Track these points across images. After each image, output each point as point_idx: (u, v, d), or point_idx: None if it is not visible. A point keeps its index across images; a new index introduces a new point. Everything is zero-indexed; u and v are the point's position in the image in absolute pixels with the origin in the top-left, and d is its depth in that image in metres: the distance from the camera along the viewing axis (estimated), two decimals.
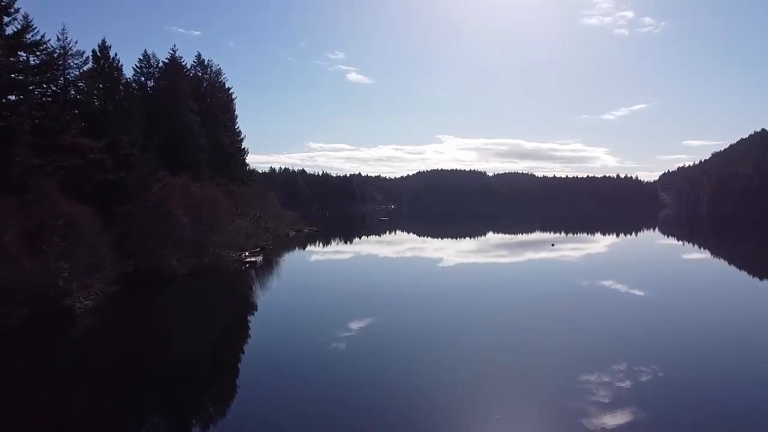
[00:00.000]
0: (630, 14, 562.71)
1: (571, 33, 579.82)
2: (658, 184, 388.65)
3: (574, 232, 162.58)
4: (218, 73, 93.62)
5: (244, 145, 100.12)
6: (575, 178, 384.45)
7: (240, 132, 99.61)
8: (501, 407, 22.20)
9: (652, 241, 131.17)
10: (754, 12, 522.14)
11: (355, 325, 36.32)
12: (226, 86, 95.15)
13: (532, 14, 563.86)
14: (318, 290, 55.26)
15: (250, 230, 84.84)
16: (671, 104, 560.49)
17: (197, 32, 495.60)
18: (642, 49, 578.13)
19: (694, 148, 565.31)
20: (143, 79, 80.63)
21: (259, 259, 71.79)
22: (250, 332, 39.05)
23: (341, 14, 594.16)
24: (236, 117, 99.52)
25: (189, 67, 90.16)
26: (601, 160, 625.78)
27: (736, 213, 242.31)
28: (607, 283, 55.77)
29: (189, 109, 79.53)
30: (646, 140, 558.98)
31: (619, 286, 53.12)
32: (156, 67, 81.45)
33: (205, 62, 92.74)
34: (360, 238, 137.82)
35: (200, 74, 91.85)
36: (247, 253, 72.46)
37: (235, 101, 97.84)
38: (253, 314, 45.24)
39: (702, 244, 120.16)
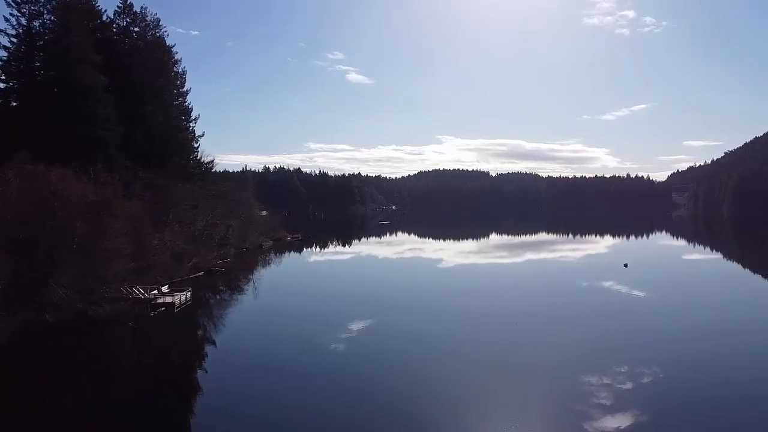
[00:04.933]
0: (631, 14, 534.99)
1: (571, 33, 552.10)
2: (671, 184, 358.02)
3: (583, 234, 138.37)
4: (154, 25, 64.04)
5: (195, 127, 70.63)
6: (583, 178, 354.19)
7: (190, 108, 70.18)
8: (502, 408, 21.73)
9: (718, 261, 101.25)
10: (755, 12, 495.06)
11: None
12: (166, 43, 65.45)
13: (532, 14, 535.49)
14: (266, 372, 26.10)
15: (188, 247, 55.15)
16: (672, 104, 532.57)
17: (196, 32, 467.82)
18: (643, 49, 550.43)
19: (695, 149, 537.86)
20: (24, 19, 50.97)
21: (183, 296, 42.07)
22: None
23: (341, 14, 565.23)
24: (186, 90, 70.06)
25: (109, 14, 60.64)
26: (601, 161, 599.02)
27: (761, 214, 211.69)
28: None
29: (91, 63, 49.91)
30: (647, 140, 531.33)
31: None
32: (46, 3, 51.76)
33: (135, 10, 62.99)
34: (356, 244, 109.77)
35: (126, 24, 62.15)
36: (164, 289, 42.83)
37: (181, 64, 68.40)
38: None
39: None
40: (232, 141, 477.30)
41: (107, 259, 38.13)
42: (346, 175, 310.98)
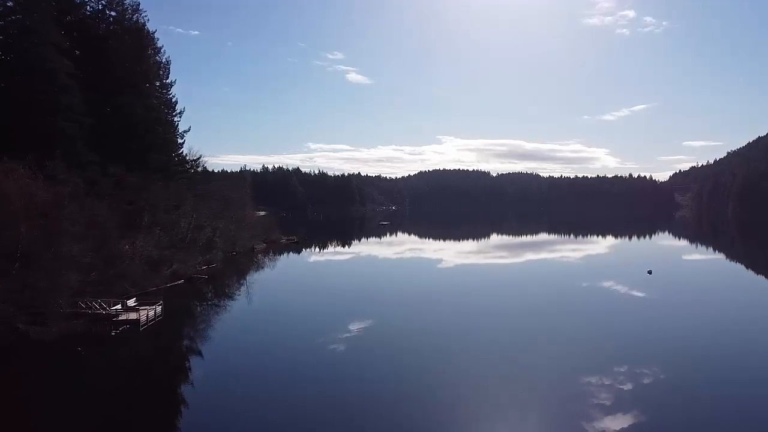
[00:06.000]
0: (631, 13, 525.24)
1: (571, 33, 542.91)
2: (673, 184, 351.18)
3: (590, 235, 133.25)
4: (133, 9, 57.86)
5: (180, 121, 64.49)
6: (585, 178, 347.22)
7: (174, 101, 64.07)
8: (505, 407, 21.60)
9: None
10: (755, 12, 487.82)
11: None
12: (147, 29, 59.24)
13: (532, 14, 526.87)
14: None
15: (166, 253, 49.03)
16: (672, 104, 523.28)
17: (196, 32, 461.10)
18: (643, 49, 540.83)
19: (695, 149, 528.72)
20: None
21: (152, 311, 35.92)
22: None
23: (340, 14, 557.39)
24: (170, 81, 63.95)
25: None
26: (601, 161, 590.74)
27: (767, 215, 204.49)
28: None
29: (54, 45, 43.86)
30: (647, 140, 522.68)
31: None
32: None
33: None
34: (356, 245, 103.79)
35: (101, 7, 55.98)
36: (130, 302, 36.69)
37: (164, 54, 62.33)
38: None
39: None
40: (231, 141, 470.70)
41: (58, 269, 32.07)
42: (346, 174, 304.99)
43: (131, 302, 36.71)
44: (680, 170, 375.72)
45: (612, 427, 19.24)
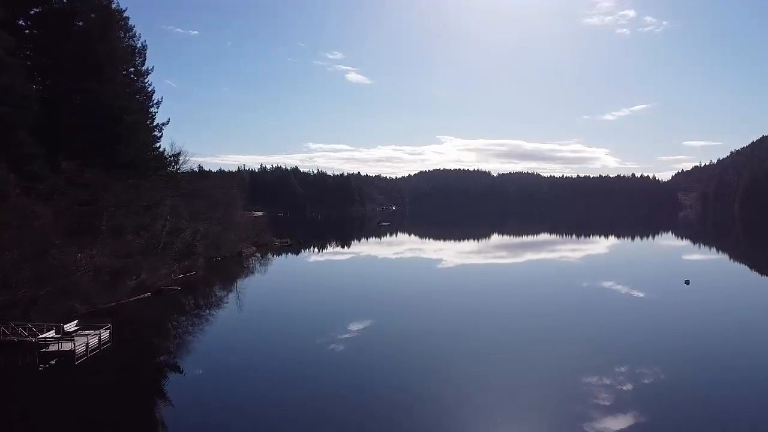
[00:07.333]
0: (631, 13, 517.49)
1: (571, 33, 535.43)
2: (675, 184, 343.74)
3: (598, 235, 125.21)
4: None
5: (158, 112, 57.23)
6: (586, 178, 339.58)
7: (150, 91, 56.72)
8: (503, 408, 20.97)
9: None
10: (755, 13, 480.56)
11: None
12: (117, 8, 51.83)
13: (532, 14, 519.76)
14: None
15: (130, 261, 41.59)
16: (672, 104, 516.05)
17: (195, 32, 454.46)
18: (643, 48, 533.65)
19: (695, 149, 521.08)
20: None
21: (94, 338, 28.37)
22: None
23: (340, 14, 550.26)
24: (146, 68, 56.73)
25: None
26: (601, 161, 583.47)
27: None
28: None
29: None
30: (647, 140, 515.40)
31: None
32: None
33: None
34: (355, 245, 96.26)
35: None
36: (69, 326, 29.30)
37: (139, 39, 54.99)
38: None
39: None
40: (231, 141, 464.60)
41: None
42: (345, 174, 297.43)
43: (71, 326, 29.33)
44: (682, 170, 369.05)
45: (612, 427, 18.84)
